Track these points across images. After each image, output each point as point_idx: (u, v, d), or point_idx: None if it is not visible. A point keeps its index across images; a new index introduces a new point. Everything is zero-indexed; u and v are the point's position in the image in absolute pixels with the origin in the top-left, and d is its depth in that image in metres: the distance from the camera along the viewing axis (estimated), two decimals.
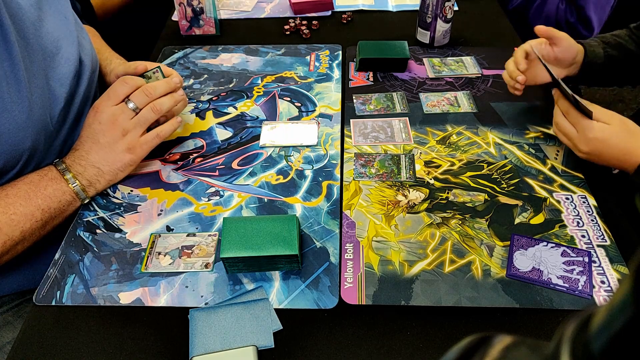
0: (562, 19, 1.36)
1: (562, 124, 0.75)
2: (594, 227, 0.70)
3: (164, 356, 0.58)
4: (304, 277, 0.65)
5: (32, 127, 0.69)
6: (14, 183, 0.68)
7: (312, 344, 0.59)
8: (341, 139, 0.87)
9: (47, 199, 0.69)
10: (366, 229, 0.71)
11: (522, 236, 0.69)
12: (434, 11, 1.04)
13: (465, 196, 0.75)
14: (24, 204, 0.67)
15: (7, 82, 0.66)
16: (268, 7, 1.28)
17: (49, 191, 0.69)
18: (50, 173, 0.71)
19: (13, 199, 0.66)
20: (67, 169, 0.71)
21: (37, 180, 0.69)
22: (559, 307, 0.61)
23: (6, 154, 0.67)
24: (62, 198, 0.70)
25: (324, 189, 0.77)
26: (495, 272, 0.65)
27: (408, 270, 0.65)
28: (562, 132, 0.76)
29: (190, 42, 1.15)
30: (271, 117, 0.92)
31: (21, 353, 0.59)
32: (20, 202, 0.67)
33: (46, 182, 0.69)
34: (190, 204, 0.76)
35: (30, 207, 0.67)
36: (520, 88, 0.84)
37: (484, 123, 0.88)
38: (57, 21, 0.78)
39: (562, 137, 0.77)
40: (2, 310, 0.79)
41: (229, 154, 0.84)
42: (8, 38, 0.66)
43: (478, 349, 0.27)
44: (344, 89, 0.98)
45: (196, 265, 0.67)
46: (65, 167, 0.71)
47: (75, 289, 0.65)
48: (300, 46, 1.11)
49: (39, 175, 0.70)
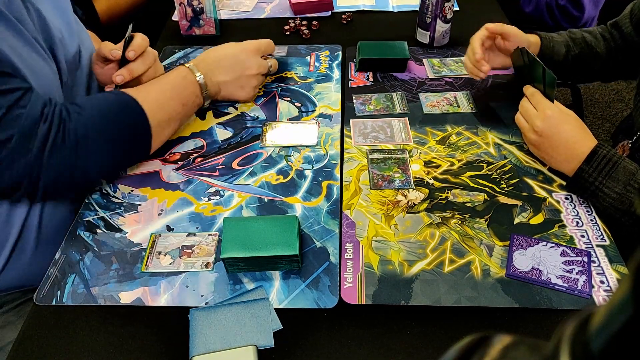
0: (552, 1, 1.35)
1: (524, 105, 0.79)
2: (593, 227, 0.70)
3: (164, 356, 0.59)
4: (304, 277, 0.66)
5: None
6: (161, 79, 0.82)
7: (312, 343, 0.59)
8: (341, 139, 0.87)
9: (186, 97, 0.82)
10: (366, 229, 0.71)
11: (521, 236, 0.69)
12: (433, 11, 1.04)
13: (464, 196, 0.75)
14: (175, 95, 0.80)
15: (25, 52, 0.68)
16: (268, 7, 1.28)
17: (189, 92, 0.83)
18: (189, 76, 0.83)
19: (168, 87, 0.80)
20: None
21: (181, 79, 0.82)
22: (558, 307, 0.61)
23: None
24: (195, 102, 0.85)
25: (324, 189, 0.77)
26: (495, 272, 0.65)
27: (408, 270, 0.66)
28: (522, 112, 0.79)
29: (191, 42, 1.15)
30: (271, 117, 0.92)
31: (21, 353, 0.59)
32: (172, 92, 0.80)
33: (186, 83, 0.83)
34: (190, 203, 0.76)
35: (178, 100, 0.81)
36: (484, 73, 0.88)
37: (483, 123, 0.88)
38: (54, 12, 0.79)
39: (520, 121, 0.79)
40: (4, 310, 0.79)
41: (229, 154, 0.85)
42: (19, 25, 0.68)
43: (477, 349, 0.27)
44: (343, 89, 0.98)
45: (196, 265, 0.67)
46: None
47: (76, 288, 0.66)
48: (300, 46, 1.11)
49: (181, 76, 0.83)
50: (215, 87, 0.88)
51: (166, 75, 0.83)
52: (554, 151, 0.74)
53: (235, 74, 0.89)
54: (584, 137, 0.72)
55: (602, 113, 2.19)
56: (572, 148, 0.72)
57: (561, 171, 0.76)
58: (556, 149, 0.74)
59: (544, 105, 0.75)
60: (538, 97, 0.77)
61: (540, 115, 0.75)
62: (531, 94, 0.78)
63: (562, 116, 0.74)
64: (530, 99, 0.78)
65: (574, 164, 0.71)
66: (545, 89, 0.77)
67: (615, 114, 2.18)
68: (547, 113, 0.74)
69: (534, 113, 0.76)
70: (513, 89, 0.96)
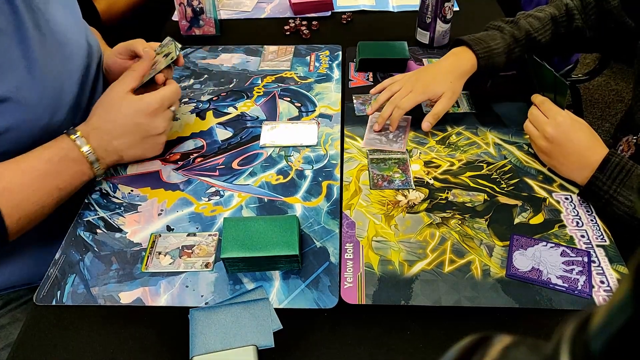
0: None
1: (533, 112, 0.78)
2: (593, 227, 0.70)
3: (164, 356, 0.59)
4: (304, 277, 0.66)
5: (47, 106, 0.70)
6: (30, 161, 0.67)
7: (312, 343, 0.59)
8: (341, 139, 0.87)
9: (67, 180, 0.70)
10: (366, 229, 0.71)
11: (521, 236, 0.69)
12: (433, 11, 1.04)
13: (464, 196, 0.75)
14: (42, 183, 0.67)
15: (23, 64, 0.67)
16: (268, 7, 1.28)
17: (71, 173, 0.70)
18: (73, 153, 0.70)
19: (29, 177, 0.66)
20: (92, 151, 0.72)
21: (57, 161, 0.69)
22: (558, 307, 0.61)
23: (26, 130, 0.68)
24: (81, 180, 0.72)
25: (324, 189, 0.77)
26: (495, 272, 0.65)
27: (408, 270, 0.66)
28: (532, 119, 0.78)
29: (191, 42, 1.15)
30: (271, 117, 0.92)
31: (21, 353, 0.59)
32: (39, 181, 0.67)
33: (67, 163, 0.70)
34: (190, 203, 0.76)
35: (49, 187, 0.68)
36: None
37: (483, 123, 0.88)
38: (64, 11, 0.79)
39: (529, 128, 0.78)
40: (10, 307, 0.79)
41: (229, 154, 0.85)
42: (22, 22, 0.68)
43: (477, 349, 0.27)
44: (343, 89, 0.98)
45: (196, 265, 0.67)
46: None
47: (76, 288, 0.66)
48: (300, 46, 1.11)
49: (59, 156, 0.69)
50: (114, 155, 0.75)
51: (39, 154, 0.68)
52: (565, 159, 0.73)
53: (139, 137, 0.75)
54: (595, 144, 0.72)
55: (602, 113, 2.19)
56: (584, 156, 0.71)
57: (572, 179, 0.75)
58: (567, 156, 0.73)
59: (555, 112, 0.74)
60: (548, 104, 0.76)
61: (551, 122, 0.74)
62: (541, 102, 0.77)
63: (574, 123, 0.73)
64: (540, 106, 0.77)
65: (586, 172, 0.71)
66: (555, 97, 0.76)
67: (614, 114, 2.18)
68: (559, 120, 0.73)
69: (545, 120, 0.75)
70: (513, 89, 0.96)
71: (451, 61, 0.87)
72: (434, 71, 0.87)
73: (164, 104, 0.75)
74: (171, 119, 0.78)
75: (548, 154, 0.76)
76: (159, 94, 0.75)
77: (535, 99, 0.80)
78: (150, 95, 0.74)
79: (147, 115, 0.74)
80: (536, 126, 0.77)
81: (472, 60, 0.86)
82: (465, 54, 0.86)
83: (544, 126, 0.75)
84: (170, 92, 0.76)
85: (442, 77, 0.85)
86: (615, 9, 0.85)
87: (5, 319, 0.78)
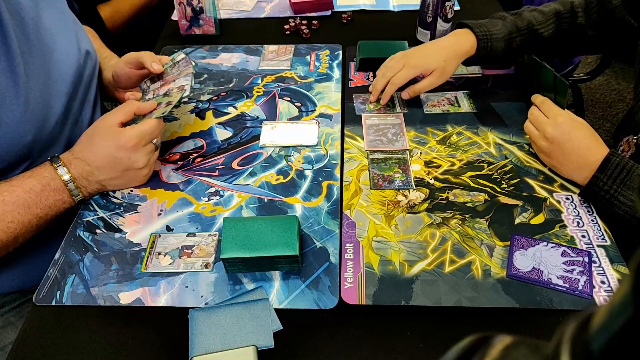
0: None
1: (534, 112, 0.78)
2: (594, 227, 0.70)
3: (164, 356, 0.58)
4: (304, 277, 0.65)
5: (32, 121, 0.69)
6: (13, 190, 0.67)
7: (312, 344, 0.59)
8: (341, 139, 0.87)
9: (47, 208, 0.69)
10: (366, 229, 0.71)
11: (522, 236, 0.69)
12: (434, 11, 1.04)
13: (465, 196, 0.75)
14: (23, 212, 0.67)
15: (5, 76, 0.66)
16: (268, 6, 1.28)
17: (50, 202, 0.69)
18: (54, 182, 0.70)
19: (11, 207, 0.66)
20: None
21: (39, 190, 0.68)
22: (559, 307, 0.61)
23: (8, 148, 0.67)
24: (62, 207, 0.71)
25: (324, 189, 0.77)
26: (496, 272, 0.65)
27: (408, 270, 0.65)
28: (532, 120, 0.78)
29: (190, 42, 1.15)
30: (271, 117, 0.92)
31: (21, 353, 0.59)
32: (18, 211, 0.66)
33: (48, 192, 0.69)
34: (190, 204, 0.76)
35: (29, 216, 0.67)
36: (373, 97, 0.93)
37: (484, 123, 0.88)
38: (54, 17, 0.78)
39: (530, 128, 0.78)
40: (4, 311, 0.79)
41: (229, 154, 0.84)
42: (7, 33, 0.67)
43: (478, 349, 0.27)
44: (344, 89, 0.98)
45: (196, 265, 0.67)
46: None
47: (75, 289, 0.65)
48: (300, 46, 1.11)
49: (41, 185, 0.69)
50: (95, 185, 0.74)
51: (21, 183, 0.68)
52: (566, 159, 0.73)
53: (120, 170, 0.74)
54: (596, 144, 0.72)
55: (603, 113, 2.19)
56: (584, 156, 0.71)
57: (573, 179, 0.75)
58: (568, 156, 0.73)
59: (555, 112, 0.74)
60: (549, 104, 0.76)
61: (551, 122, 0.74)
62: (541, 102, 0.77)
63: (574, 123, 0.73)
64: (540, 107, 0.77)
65: (586, 172, 0.71)
66: (556, 97, 0.76)
67: (616, 114, 2.17)
68: (559, 120, 0.73)
69: (545, 120, 0.75)
70: (513, 89, 0.96)
71: (451, 40, 0.90)
72: (430, 47, 0.90)
73: (144, 139, 0.73)
74: (152, 152, 0.76)
75: (548, 154, 0.75)
76: (139, 128, 0.73)
77: (536, 99, 0.79)
78: (130, 129, 0.72)
79: (127, 149, 0.72)
80: (536, 126, 0.77)
81: (471, 41, 0.88)
82: (466, 35, 0.89)
83: (544, 126, 0.75)
84: (150, 127, 0.73)
85: (437, 53, 0.88)
86: (617, 8, 0.85)
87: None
